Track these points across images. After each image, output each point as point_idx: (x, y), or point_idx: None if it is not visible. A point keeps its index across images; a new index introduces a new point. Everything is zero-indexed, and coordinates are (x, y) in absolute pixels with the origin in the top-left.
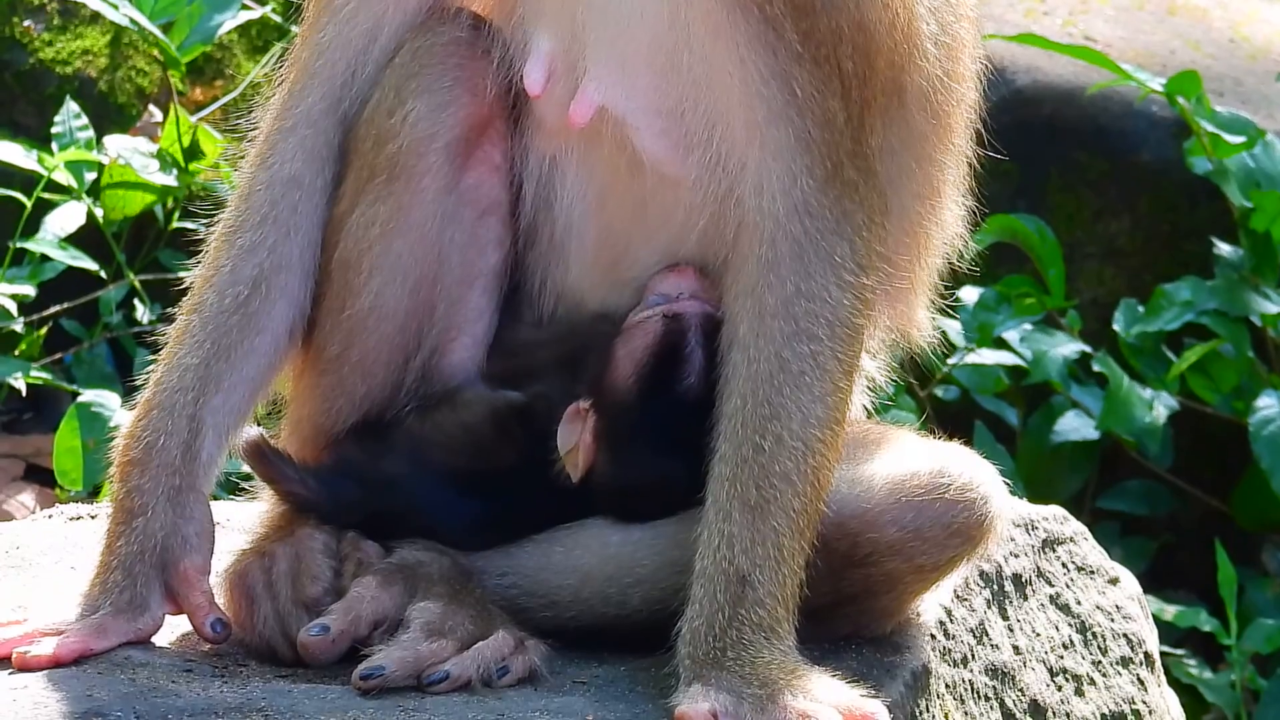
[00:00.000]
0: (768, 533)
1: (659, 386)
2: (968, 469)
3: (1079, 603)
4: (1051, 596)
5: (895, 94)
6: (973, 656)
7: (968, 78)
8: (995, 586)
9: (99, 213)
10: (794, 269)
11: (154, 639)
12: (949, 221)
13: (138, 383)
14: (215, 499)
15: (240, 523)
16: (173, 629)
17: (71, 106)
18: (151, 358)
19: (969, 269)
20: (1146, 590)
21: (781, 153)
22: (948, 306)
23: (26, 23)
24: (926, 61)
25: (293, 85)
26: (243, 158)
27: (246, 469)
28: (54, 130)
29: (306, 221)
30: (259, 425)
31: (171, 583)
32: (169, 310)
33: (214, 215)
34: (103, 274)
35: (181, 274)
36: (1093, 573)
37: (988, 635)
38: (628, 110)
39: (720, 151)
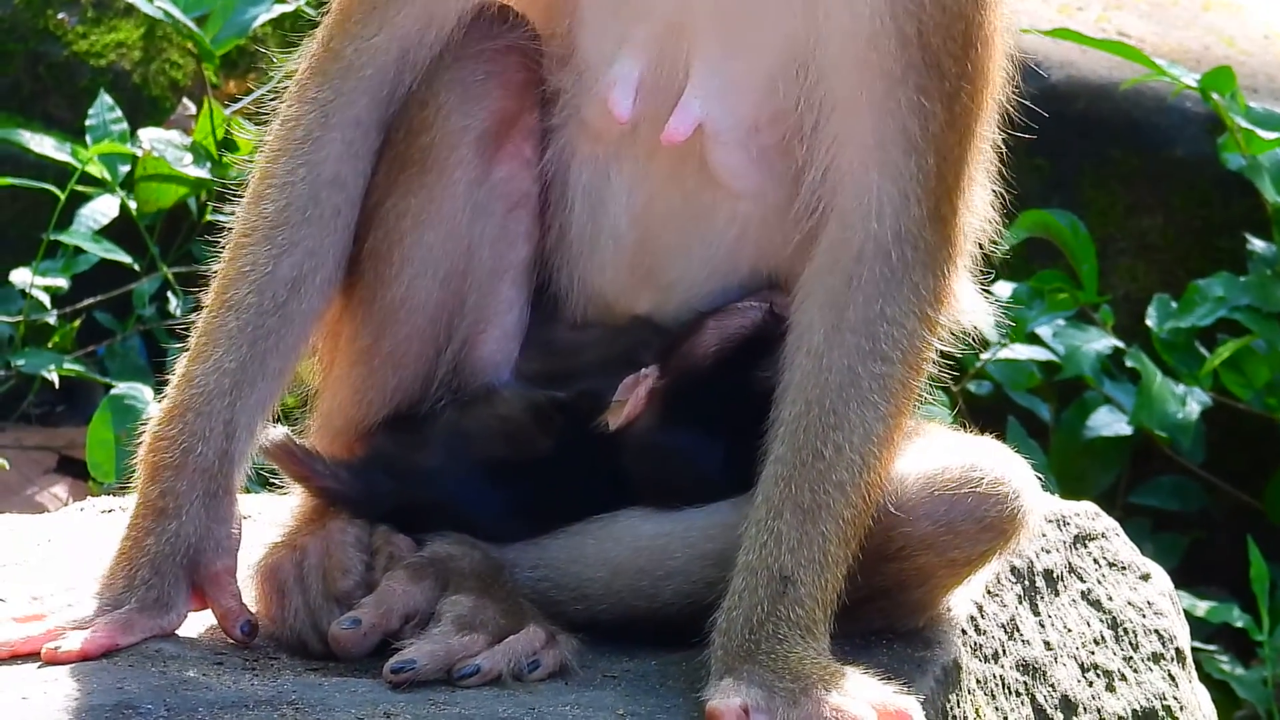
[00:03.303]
0: (815, 536)
1: (734, 368)
2: (999, 463)
3: (1110, 598)
4: (1083, 592)
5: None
6: (1004, 652)
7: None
8: (1026, 582)
9: (132, 205)
10: (883, 291)
11: (185, 631)
12: (979, 208)
13: (174, 377)
14: (246, 492)
15: (271, 516)
16: (204, 621)
17: (105, 99)
18: (181, 347)
19: (1002, 263)
20: (1178, 586)
21: (900, 180)
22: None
23: (61, 15)
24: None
25: (335, 81)
26: (277, 139)
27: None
28: (88, 123)
29: (345, 221)
30: (285, 420)
31: (200, 583)
32: (202, 302)
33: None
34: (136, 266)
35: (215, 267)
36: (1124, 568)
37: (1019, 631)
38: (722, 127)
39: (830, 172)
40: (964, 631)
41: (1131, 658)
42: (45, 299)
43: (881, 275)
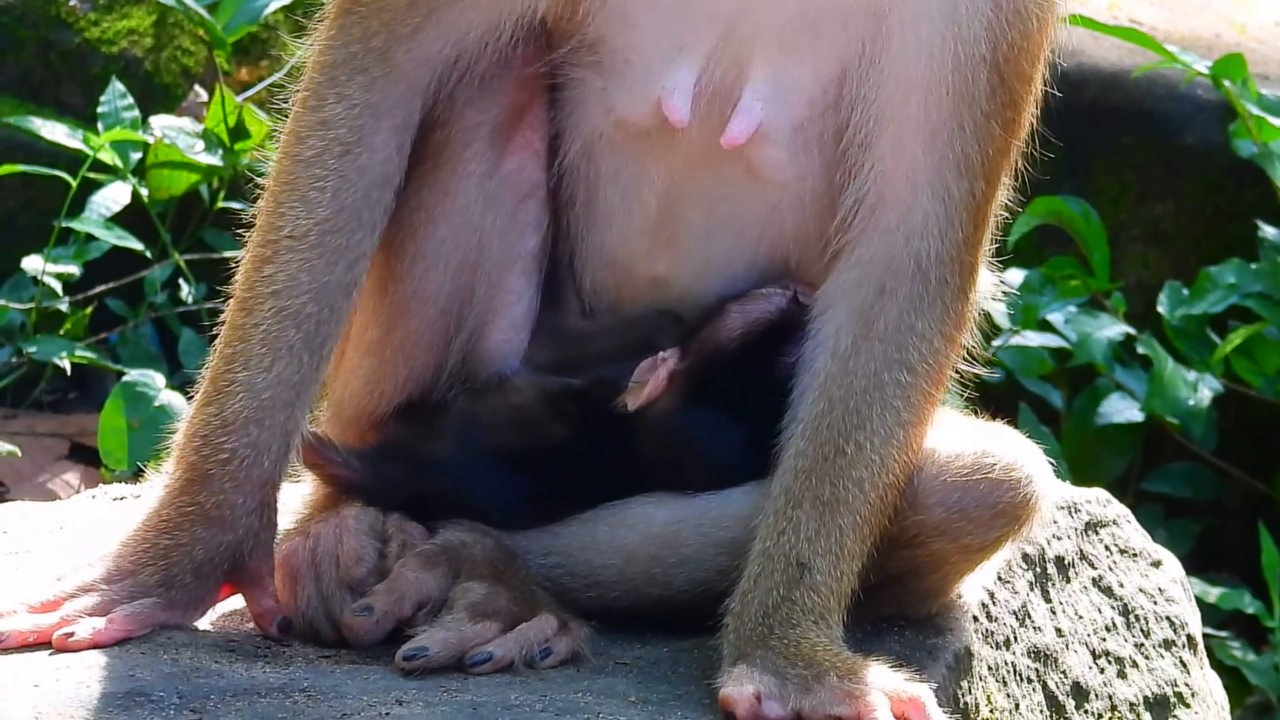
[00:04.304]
0: (833, 529)
1: (755, 354)
2: (1012, 449)
3: (1122, 585)
4: (1094, 579)
5: None
6: (1015, 639)
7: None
8: (1038, 569)
9: (144, 192)
10: (913, 307)
11: None
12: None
13: (218, 377)
14: None
15: (285, 504)
16: (216, 609)
17: (117, 86)
18: (214, 350)
19: (1015, 250)
20: (1190, 573)
21: (949, 203)
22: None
23: (72, 2)
24: None
25: (382, 83)
26: (314, 137)
27: None
28: (100, 110)
29: (388, 218)
30: None
31: (239, 582)
32: (217, 289)
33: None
34: (148, 254)
35: (227, 253)
36: (1136, 555)
37: (1030, 618)
38: (775, 127)
39: (876, 184)
40: (976, 619)
41: (1143, 644)
42: (57, 286)
43: (917, 293)
